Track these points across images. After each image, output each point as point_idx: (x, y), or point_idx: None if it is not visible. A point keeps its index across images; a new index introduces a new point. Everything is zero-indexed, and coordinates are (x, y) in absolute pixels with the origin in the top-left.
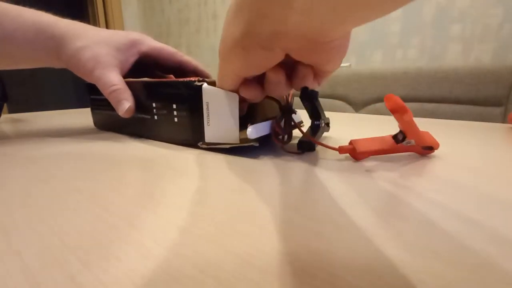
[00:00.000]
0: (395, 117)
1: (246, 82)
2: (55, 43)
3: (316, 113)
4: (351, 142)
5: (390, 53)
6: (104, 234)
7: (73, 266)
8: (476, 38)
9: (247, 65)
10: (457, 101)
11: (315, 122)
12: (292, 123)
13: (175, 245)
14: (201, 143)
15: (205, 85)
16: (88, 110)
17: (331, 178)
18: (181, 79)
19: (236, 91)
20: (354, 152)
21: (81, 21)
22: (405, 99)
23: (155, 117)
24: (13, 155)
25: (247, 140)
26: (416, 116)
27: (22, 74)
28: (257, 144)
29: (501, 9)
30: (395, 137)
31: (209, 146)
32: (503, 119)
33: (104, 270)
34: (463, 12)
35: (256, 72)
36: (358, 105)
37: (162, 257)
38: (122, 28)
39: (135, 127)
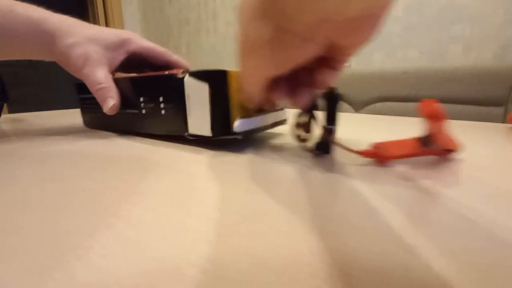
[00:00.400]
0: (428, 123)
1: (273, 85)
2: (47, 38)
3: (333, 118)
4: (375, 146)
5: (390, 53)
6: (104, 234)
7: (73, 266)
8: (476, 38)
9: (277, 64)
10: (457, 101)
11: (328, 127)
12: (316, 121)
13: (176, 245)
14: (187, 133)
15: (186, 77)
16: None
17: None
18: (165, 72)
19: (263, 94)
20: (379, 156)
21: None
22: (405, 99)
23: (143, 111)
24: (12, 155)
25: (232, 133)
26: (416, 116)
27: (22, 74)
28: (240, 137)
29: (501, 9)
30: (422, 141)
31: (194, 138)
32: (503, 119)
33: (104, 270)
34: (463, 12)
35: (287, 69)
36: (358, 105)
37: (163, 257)
38: (122, 28)
39: (124, 123)
